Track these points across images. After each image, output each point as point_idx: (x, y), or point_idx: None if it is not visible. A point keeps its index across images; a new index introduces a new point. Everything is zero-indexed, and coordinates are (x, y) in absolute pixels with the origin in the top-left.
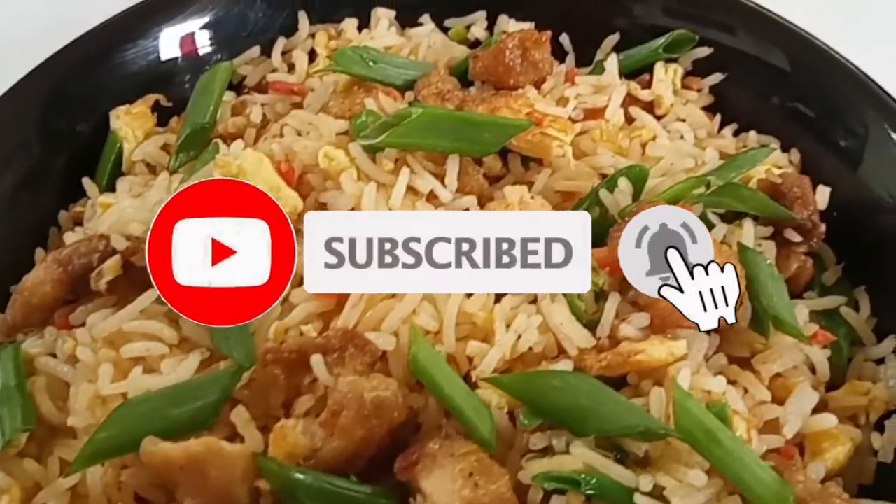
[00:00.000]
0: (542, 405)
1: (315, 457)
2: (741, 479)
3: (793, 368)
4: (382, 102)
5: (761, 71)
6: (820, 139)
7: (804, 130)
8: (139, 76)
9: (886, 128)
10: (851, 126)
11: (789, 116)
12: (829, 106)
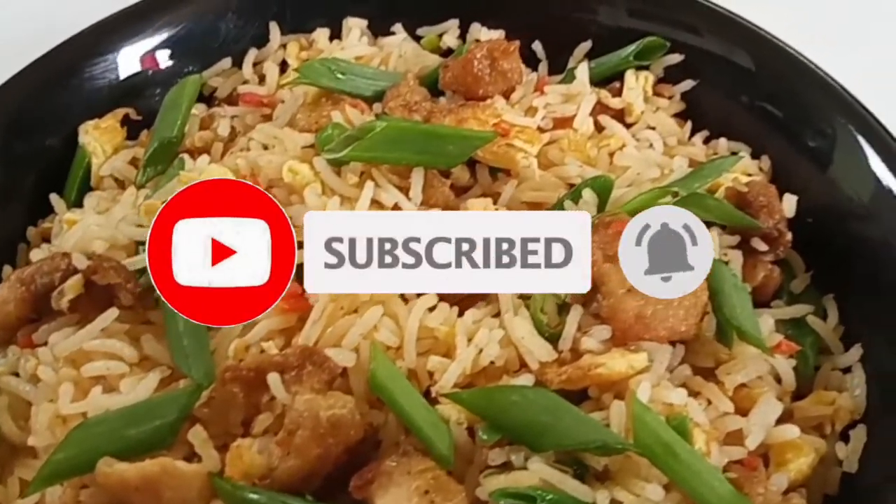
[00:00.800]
0: (501, 420)
1: (271, 476)
2: (698, 493)
3: (757, 379)
4: (349, 115)
5: (732, 75)
6: (791, 144)
7: (775, 136)
8: (109, 90)
9: (854, 131)
10: (821, 130)
11: (761, 122)
12: (800, 111)
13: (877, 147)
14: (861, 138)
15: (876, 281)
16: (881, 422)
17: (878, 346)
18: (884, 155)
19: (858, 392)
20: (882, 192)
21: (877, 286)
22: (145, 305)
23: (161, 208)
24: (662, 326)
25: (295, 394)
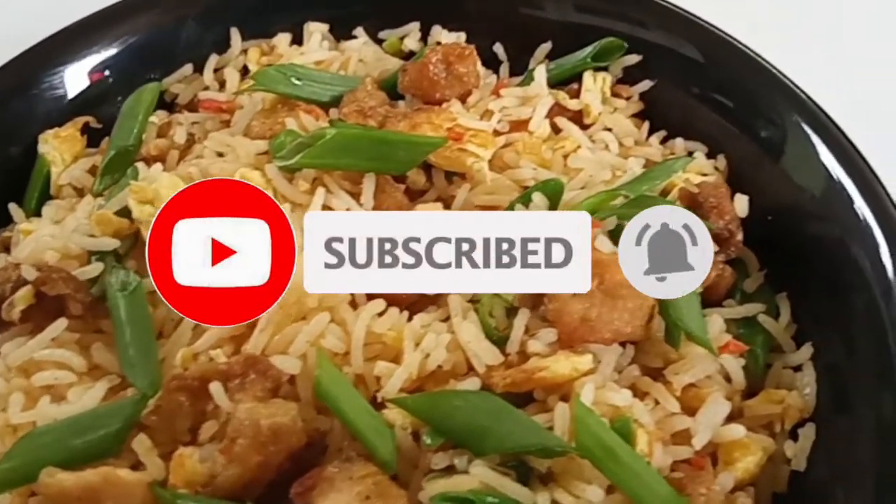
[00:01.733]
0: (445, 425)
1: (213, 484)
2: (637, 495)
3: (706, 378)
4: (303, 121)
5: (685, 71)
6: (748, 143)
7: (731, 132)
8: (70, 98)
9: (809, 131)
10: (776, 128)
11: (717, 121)
12: (753, 106)
13: (826, 139)
14: (812, 132)
15: (828, 279)
16: (830, 420)
17: (829, 344)
18: (833, 147)
19: (808, 391)
20: (832, 184)
21: (829, 284)
22: (96, 314)
23: (161, 208)
24: (607, 329)
25: (238, 402)
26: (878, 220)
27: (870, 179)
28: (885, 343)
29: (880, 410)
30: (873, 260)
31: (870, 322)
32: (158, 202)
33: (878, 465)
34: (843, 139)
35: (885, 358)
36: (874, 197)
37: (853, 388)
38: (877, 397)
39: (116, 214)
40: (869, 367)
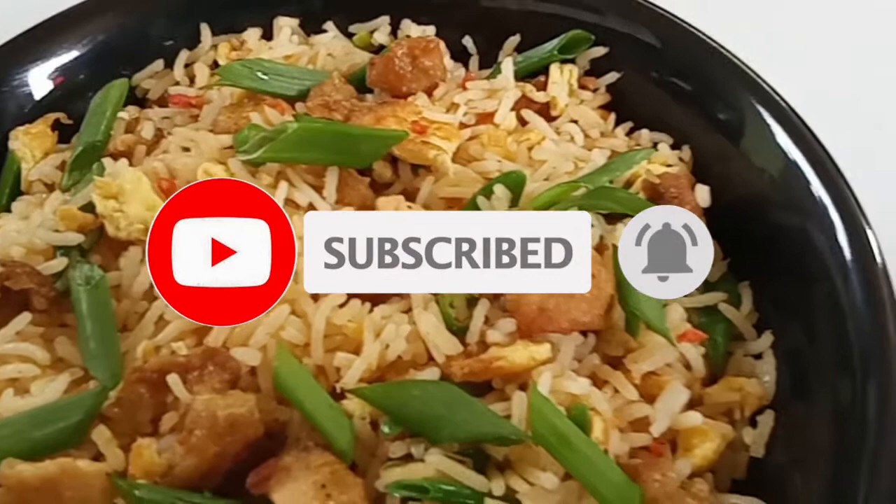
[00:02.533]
0: (402, 414)
1: (171, 474)
2: (589, 482)
3: (666, 367)
4: (268, 115)
5: (643, 57)
6: (711, 132)
7: (697, 127)
8: (41, 95)
9: (766, 115)
10: (735, 112)
11: (683, 111)
12: (717, 96)
13: (782, 122)
14: (769, 117)
15: (789, 267)
16: (789, 407)
17: (789, 332)
18: (789, 129)
19: (768, 378)
20: (790, 166)
21: (790, 272)
22: (60, 309)
23: (161, 208)
24: (565, 318)
25: (196, 394)
26: (834, 201)
27: (825, 161)
28: (845, 329)
29: (838, 397)
30: (831, 243)
31: (830, 309)
32: (122, 197)
33: (835, 451)
34: (800, 122)
35: (844, 344)
36: (829, 179)
37: (812, 374)
38: (835, 384)
39: (81, 210)
40: (828, 354)
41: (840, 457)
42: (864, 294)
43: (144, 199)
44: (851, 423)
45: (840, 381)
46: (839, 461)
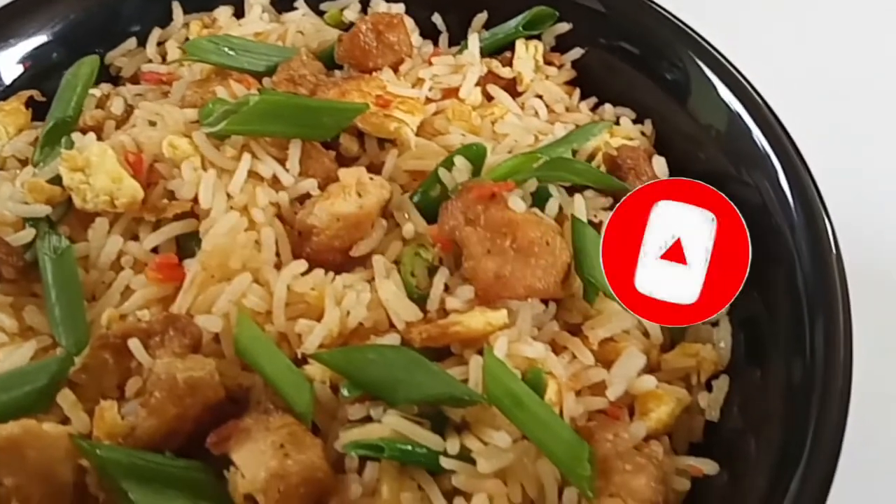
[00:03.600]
0: (360, 377)
1: (133, 435)
2: (540, 439)
3: (623, 333)
4: (234, 89)
5: (596, 26)
6: (674, 108)
7: (661, 103)
8: (15, 74)
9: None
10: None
11: (643, 86)
12: (681, 74)
13: (725, 79)
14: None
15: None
16: (744, 372)
17: (745, 299)
18: (731, 85)
19: (723, 344)
20: (734, 120)
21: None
22: (29, 279)
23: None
24: (520, 285)
25: (158, 358)
26: (776, 151)
27: (766, 114)
28: (797, 296)
29: (792, 365)
30: (782, 203)
31: (785, 275)
32: (89, 170)
33: (787, 418)
34: (738, 74)
35: (797, 310)
36: (771, 131)
37: (768, 342)
38: (789, 351)
39: (49, 182)
40: (782, 321)
41: (791, 425)
42: (810, 249)
43: (110, 172)
44: (802, 392)
45: (794, 348)
46: (790, 429)
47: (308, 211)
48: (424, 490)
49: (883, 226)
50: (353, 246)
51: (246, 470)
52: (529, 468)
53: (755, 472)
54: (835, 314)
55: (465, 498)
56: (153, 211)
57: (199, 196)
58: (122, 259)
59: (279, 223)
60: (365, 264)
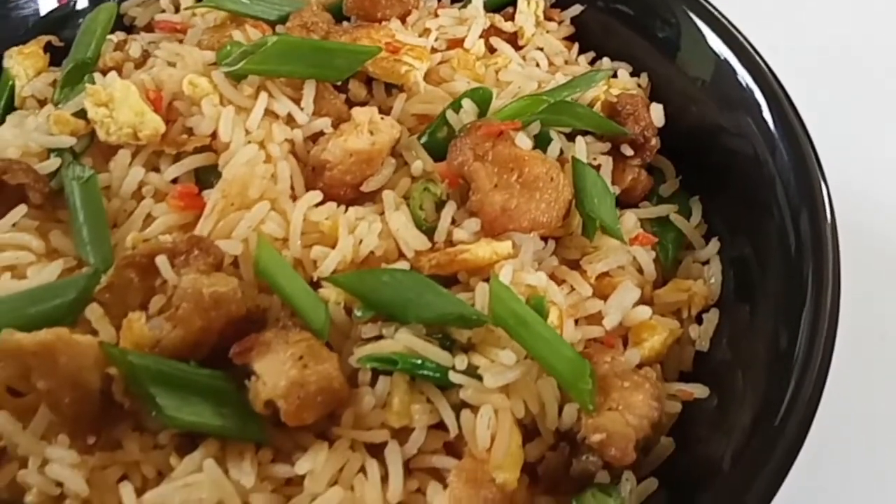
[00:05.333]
0: (373, 299)
1: (158, 346)
2: (543, 357)
3: (619, 269)
4: (249, 34)
5: None
6: (666, 63)
7: (654, 56)
8: (34, 20)
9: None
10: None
11: (641, 46)
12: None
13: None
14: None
15: (734, 183)
16: (732, 307)
17: (734, 240)
18: (718, 31)
19: (714, 280)
20: (721, 67)
21: (735, 187)
22: (55, 206)
23: None
24: (525, 218)
25: (183, 275)
26: (766, 95)
27: (756, 60)
28: (785, 233)
29: (778, 301)
30: (770, 145)
31: (771, 217)
32: (112, 104)
33: (773, 352)
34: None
35: (784, 248)
36: (761, 76)
37: (756, 281)
38: (778, 290)
39: (74, 116)
40: (770, 260)
41: (775, 360)
42: (798, 192)
43: (133, 106)
44: (788, 328)
45: (781, 285)
46: (774, 364)
47: (322, 147)
48: (433, 402)
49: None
50: (364, 181)
51: (267, 378)
52: (532, 386)
53: (742, 400)
54: (824, 254)
55: (472, 410)
56: (173, 144)
57: (218, 130)
58: (144, 189)
59: (293, 159)
60: (374, 200)
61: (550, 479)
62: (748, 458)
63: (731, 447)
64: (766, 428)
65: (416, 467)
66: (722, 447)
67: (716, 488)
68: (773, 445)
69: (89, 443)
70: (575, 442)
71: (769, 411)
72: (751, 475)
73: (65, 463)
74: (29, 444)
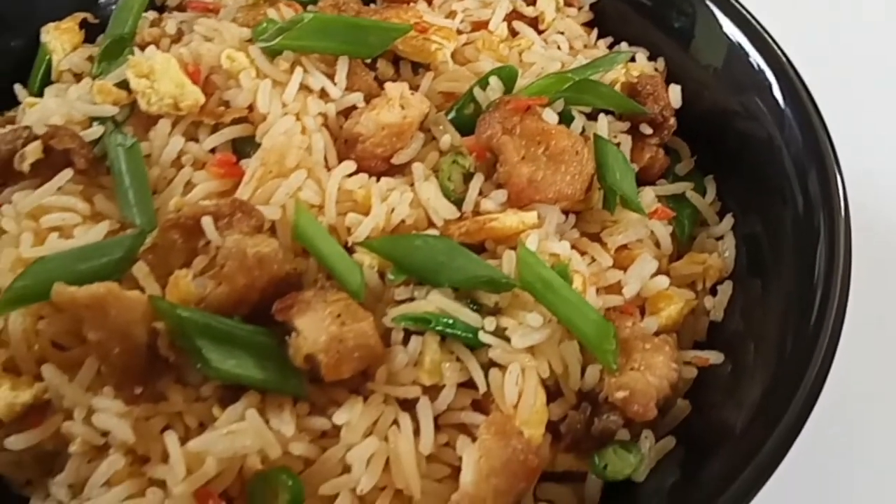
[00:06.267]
0: (406, 263)
1: (204, 302)
2: (570, 319)
3: (637, 242)
4: (283, 12)
5: None
6: (681, 51)
7: (670, 41)
8: None
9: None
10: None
11: (658, 32)
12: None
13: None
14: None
15: (747, 163)
16: (745, 280)
17: (747, 217)
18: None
19: (728, 254)
20: (734, 51)
21: (748, 168)
22: (98, 171)
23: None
24: (551, 189)
25: (226, 236)
26: (776, 73)
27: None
28: (796, 211)
29: (789, 275)
30: (782, 128)
31: (783, 195)
32: (153, 76)
33: (784, 324)
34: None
35: (795, 225)
36: (772, 55)
37: (767, 254)
38: (788, 263)
39: (115, 87)
40: (781, 236)
41: (786, 333)
42: (811, 171)
43: (174, 78)
44: (799, 301)
45: (792, 261)
46: (786, 334)
47: (355, 120)
48: (462, 361)
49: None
50: (394, 154)
51: (308, 334)
52: (556, 349)
53: (754, 368)
54: (835, 232)
55: (500, 369)
56: (211, 115)
57: (256, 102)
58: (183, 158)
59: (326, 131)
60: (404, 172)
61: (573, 436)
62: (759, 424)
63: (743, 412)
64: (777, 395)
65: (446, 423)
66: (734, 412)
67: (728, 449)
68: (782, 412)
69: (136, 393)
70: (597, 402)
71: (780, 380)
72: (761, 439)
73: (111, 412)
74: (75, 395)
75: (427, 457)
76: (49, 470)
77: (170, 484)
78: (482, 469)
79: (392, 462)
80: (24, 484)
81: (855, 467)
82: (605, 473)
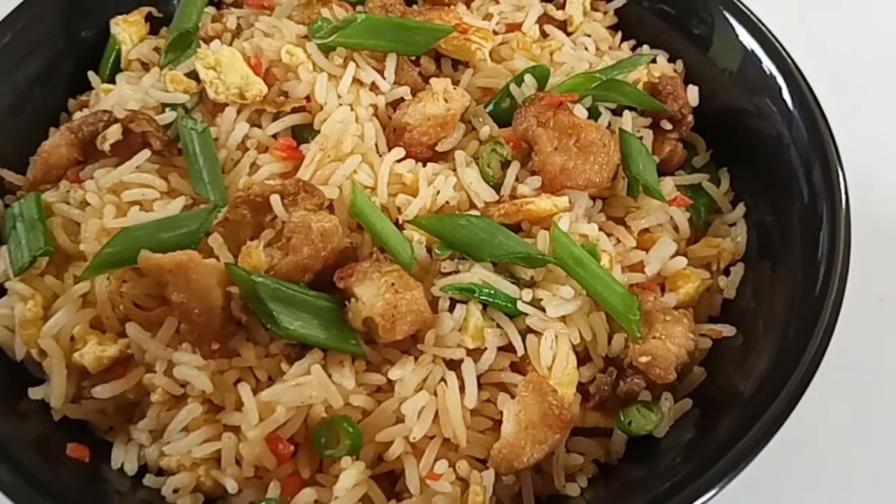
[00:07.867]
0: (451, 239)
1: (273, 269)
2: (598, 292)
3: (658, 226)
4: (335, 12)
5: None
6: (698, 53)
7: (689, 46)
8: None
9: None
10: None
11: (679, 37)
12: (708, 26)
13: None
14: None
15: (758, 157)
16: (755, 262)
17: (757, 205)
18: (746, 25)
19: (740, 239)
20: (748, 57)
21: (758, 161)
22: (171, 153)
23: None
24: (581, 177)
25: (291, 213)
26: (788, 84)
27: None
28: (802, 200)
29: (795, 257)
30: (790, 126)
31: (790, 186)
32: (220, 68)
33: (790, 302)
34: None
35: (801, 213)
36: (782, 62)
37: (776, 240)
38: (794, 247)
39: (185, 76)
40: (788, 223)
41: (794, 314)
42: (816, 167)
43: (239, 70)
44: (804, 282)
45: (799, 245)
46: (791, 312)
47: (403, 111)
48: (502, 328)
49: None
50: (438, 142)
51: (366, 300)
52: (585, 319)
53: (763, 341)
54: (836, 220)
55: (536, 335)
56: (273, 104)
57: (314, 93)
58: (248, 142)
59: (377, 121)
60: (447, 159)
61: (600, 396)
62: (765, 390)
63: (751, 379)
64: (782, 365)
65: (487, 381)
66: (744, 379)
67: (737, 411)
68: (786, 380)
69: (213, 349)
70: (622, 366)
71: (785, 352)
72: (766, 403)
73: (191, 365)
74: (157, 350)
75: (471, 410)
76: (129, 418)
77: (244, 429)
78: (521, 421)
79: (440, 414)
80: (107, 430)
81: (854, 431)
82: (630, 429)
